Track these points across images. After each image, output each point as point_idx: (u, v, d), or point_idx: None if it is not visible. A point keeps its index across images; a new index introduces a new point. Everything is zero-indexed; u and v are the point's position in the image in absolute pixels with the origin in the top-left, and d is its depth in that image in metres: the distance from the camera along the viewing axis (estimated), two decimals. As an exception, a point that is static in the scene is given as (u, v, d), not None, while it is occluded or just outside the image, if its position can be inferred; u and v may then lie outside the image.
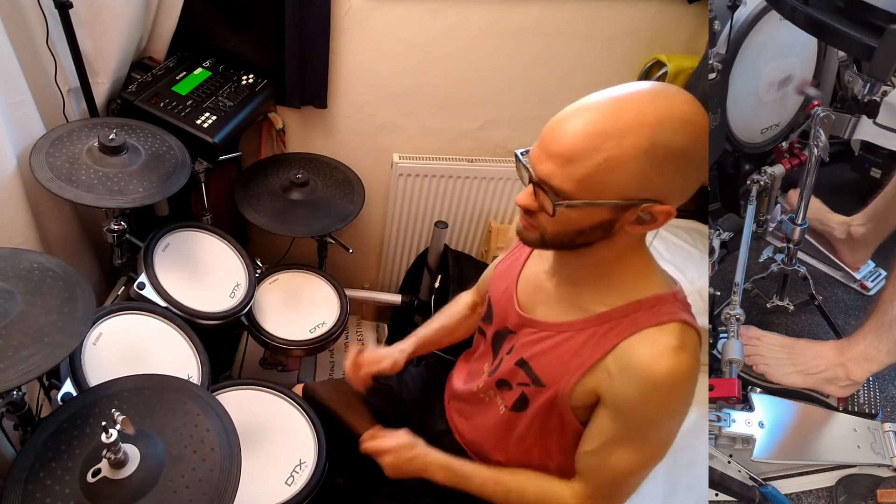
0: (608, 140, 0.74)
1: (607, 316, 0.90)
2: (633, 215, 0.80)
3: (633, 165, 0.75)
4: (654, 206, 0.78)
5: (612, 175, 0.76)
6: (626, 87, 0.79)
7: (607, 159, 0.75)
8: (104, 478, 0.91)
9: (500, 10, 1.82)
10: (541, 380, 0.98)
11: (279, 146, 1.98)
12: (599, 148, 0.75)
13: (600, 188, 0.77)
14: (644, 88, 0.79)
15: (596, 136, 0.75)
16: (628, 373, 0.86)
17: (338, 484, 1.51)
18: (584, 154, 0.75)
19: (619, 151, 0.74)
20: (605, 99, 0.78)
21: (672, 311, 0.87)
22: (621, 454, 0.91)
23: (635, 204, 0.78)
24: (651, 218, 0.80)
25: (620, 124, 0.75)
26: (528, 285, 1.04)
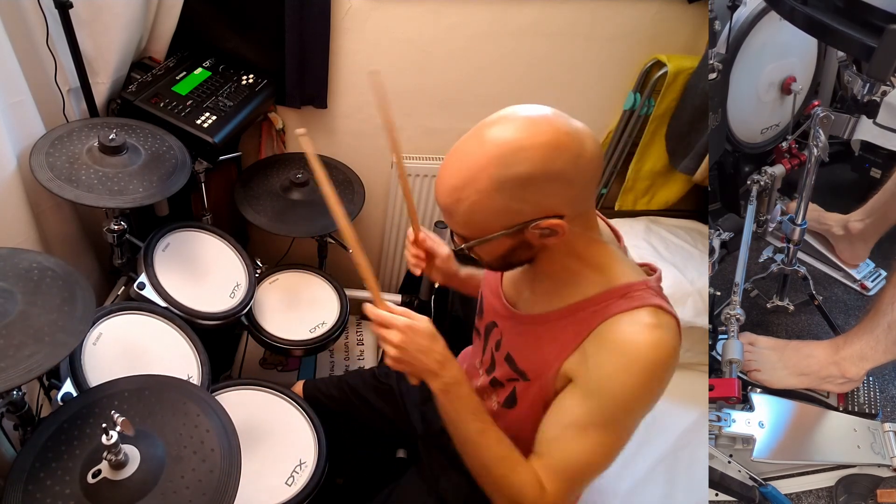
0: (463, 191, 0.83)
1: (583, 305, 0.91)
2: (532, 234, 0.85)
3: (494, 203, 0.82)
4: (542, 222, 0.83)
5: (482, 216, 0.85)
6: (472, 132, 0.86)
7: (471, 205, 0.83)
8: (104, 478, 0.91)
9: (500, 10, 1.82)
10: (525, 373, 0.99)
11: (279, 146, 1.98)
12: (460, 198, 0.84)
13: (483, 226, 0.86)
14: (482, 130, 0.84)
15: (453, 189, 0.84)
16: (605, 349, 0.86)
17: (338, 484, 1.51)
18: (453, 206, 0.85)
19: (475, 197, 0.82)
20: (453, 151, 0.86)
21: (644, 296, 0.88)
22: (583, 440, 0.88)
23: (521, 228, 0.84)
24: (550, 231, 0.84)
25: (466, 174, 0.83)
26: (509, 283, 1.07)
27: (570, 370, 0.92)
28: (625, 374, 0.85)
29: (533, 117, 0.83)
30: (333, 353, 2.02)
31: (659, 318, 0.86)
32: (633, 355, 0.84)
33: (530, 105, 0.85)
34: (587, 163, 0.83)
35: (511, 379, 1.02)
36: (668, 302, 0.91)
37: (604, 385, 0.86)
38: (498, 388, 1.07)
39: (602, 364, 0.86)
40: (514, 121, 0.83)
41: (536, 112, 0.84)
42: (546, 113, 0.84)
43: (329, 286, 1.78)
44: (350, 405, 1.45)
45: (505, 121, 0.84)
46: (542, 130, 0.81)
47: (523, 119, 0.83)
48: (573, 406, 0.90)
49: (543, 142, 0.80)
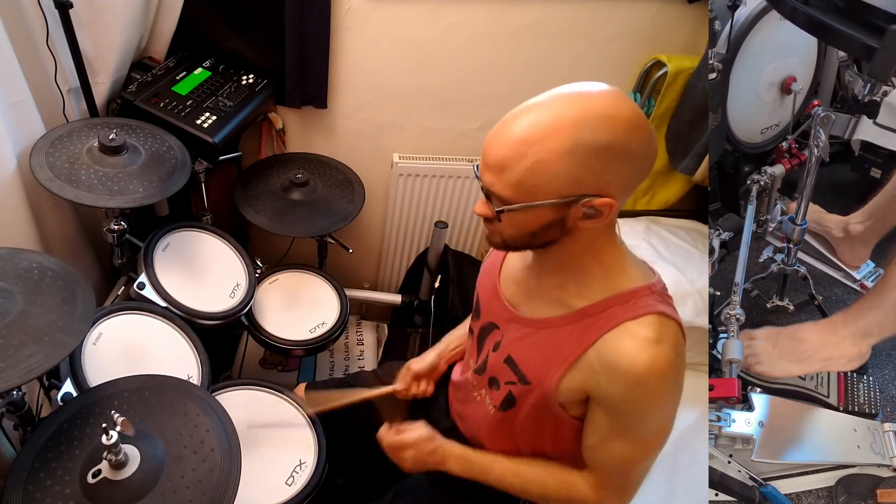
0: (532, 146, 0.80)
1: (587, 311, 0.91)
2: (577, 212, 0.83)
3: (559, 166, 0.79)
4: (594, 199, 0.82)
5: (542, 177, 0.81)
6: (551, 92, 0.84)
7: (534, 164, 0.80)
8: (104, 478, 0.91)
9: (500, 10, 1.82)
10: (526, 377, 0.99)
11: (279, 146, 1.98)
12: (525, 154, 0.80)
13: (535, 191, 0.82)
14: (565, 91, 0.83)
15: (521, 143, 0.81)
16: (611, 370, 0.88)
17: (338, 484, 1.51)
18: (513, 162, 0.81)
19: (543, 155, 0.79)
20: (528, 106, 0.84)
21: (648, 303, 0.88)
22: (620, 447, 0.94)
23: (573, 201, 0.82)
24: (595, 212, 0.83)
25: (541, 129, 0.80)
26: (509, 281, 1.06)
27: (580, 382, 0.93)
28: (638, 394, 0.88)
29: (619, 93, 0.82)
30: (333, 353, 2.02)
31: (660, 331, 0.87)
32: (636, 376, 0.86)
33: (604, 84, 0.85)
34: (652, 153, 0.84)
35: (509, 381, 1.02)
36: (670, 304, 0.92)
37: (620, 404, 0.90)
38: (493, 389, 1.07)
39: (612, 384, 0.89)
40: (601, 90, 0.82)
41: (619, 91, 0.83)
42: (627, 95, 0.85)
43: (329, 286, 1.78)
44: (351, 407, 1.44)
45: (591, 88, 0.82)
46: (629, 106, 0.81)
47: (611, 91, 0.82)
48: (601, 420, 0.94)
49: (629, 117, 0.80)
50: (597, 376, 0.90)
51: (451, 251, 1.98)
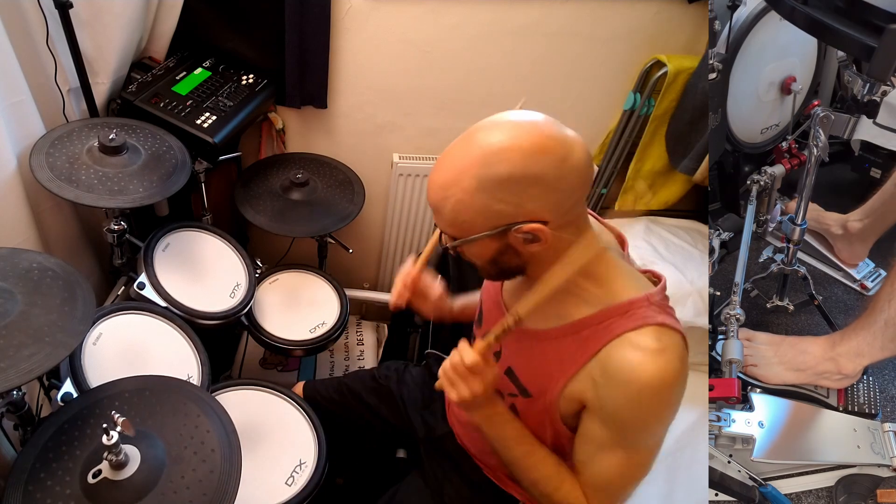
0: (449, 189, 0.85)
1: (586, 322, 0.91)
2: (515, 239, 0.86)
3: (476, 202, 0.84)
4: (522, 226, 0.84)
5: (467, 215, 0.86)
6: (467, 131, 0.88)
7: (455, 204, 0.85)
8: (105, 479, 0.91)
9: (500, 10, 1.82)
10: (527, 389, 0.99)
11: (279, 146, 1.98)
12: (446, 196, 0.86)
13: (466, 227, 0.87)
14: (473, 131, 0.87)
15: (440, 188, 0.87)
16: (613, 380, 0.87)
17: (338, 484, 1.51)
18: (440, 204, 0.88)
19: (460, 195, 0.84)
20: (447, 150, 0.88)
21: (646, 314, 0.87)
22: (612, 460, 0.92)
23: (504, 230, 0.85)
24: (532, 237, 0.85)
25: (454, 173, 0.85)
26: (511, 293, 1.06)
27: (579, 393, 0.92)
28: (636, 405, 0.86)
29: (520, 122, 0.85)
30: (333, 353, 2.02)
31: (662, 340, 0.86)
32: (640, 386, 0.84)
33: (524, 111, 0.87)
34: (572, 169, 0.83)
35: (511, 394, 1.02)
36: (672, 315, 0.91)
37: (618, 415, 0.89)
38: None
39: (613, 396, 0.88)
40: (500, 125, 0.85)
41: (525, 118, 0.85)
42: (535, 119, 0.85)
43: (329, 286, 1.78)
44: (350, 407, 1.45)
45: (493, 124, 0.86)
46: (527, 133, 0.83)
47: (510, 123, 0.85)
48: (595, 430, 0.93)
49: (526, 145, 0.82)
50: (597, 387, 0.89)
51: (451, 251, 1.98)
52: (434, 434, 1.30)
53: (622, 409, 0.87)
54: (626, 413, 0.88)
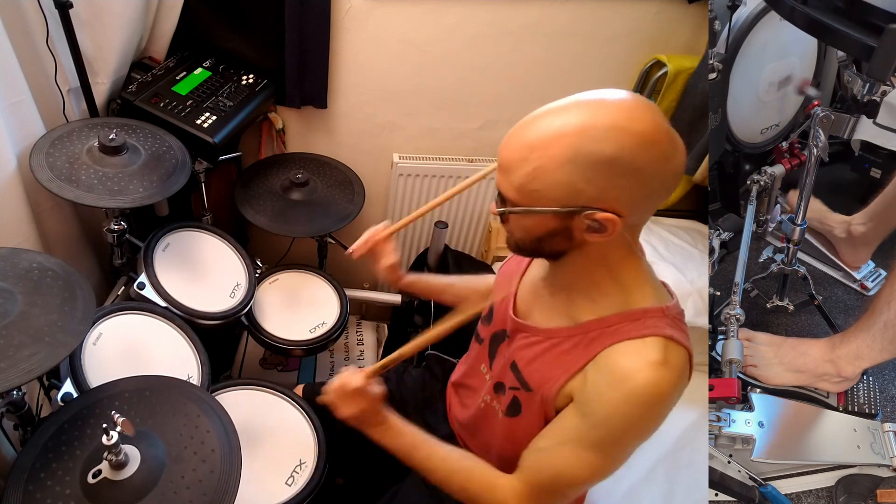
0: (535, 151, 0.78)
1: (594, 325, 0.90)
2: (580, 223, 0.81)
3: (559, 174, 0.78)
4: (595, 213, 0.79)
5: (542, 183, 0.79)
6: (572, 96, 0.81)
7: (535, 169, 0.79)
8: (105, 479, 0.91)
9: (500, 10, 1.82)
10: (528, 384, 0.98)
11: (279, 146, 1.98)
12: (528, 158, 0.79)
13: (536, 196, 0.81)
14: (581, 98, 0.80)
15: (525, 147, 0.79)
16: (605, 378, 0.85)
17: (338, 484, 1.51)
18: (517, 165, 0.80)
19: (544, 161, 0.78)
20: (543, 111, 0.81)
21: (657, 325, 0.85)
22: (572, 458, 0.89)
23: (575, 211, 0.80)
24: (599, 226, 0.80)
25: (546, 136, 0.78)
26: (527, 291, 1.05)
27: (572, 389, 0.91)
28: (621, 406, 0.83)
29: (638, 103, 0.79)
30: (333, 353, 2.02)
31: (667, 354, 0.83)
32: (631, 389, 0.82)
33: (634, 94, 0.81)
34: (670, 171, 0.79)
35: (513, 387, 1.02)
36: (684, 331, 0.88)
37: (599, 411, 0.86)
38: (500, 394, 1.06)
39: (601, 391, 0.85)
40: (617, 101, 0.78)
41: (641, 100, 0.79)
42: (651, 104, 0.79)
43: (329, 286, 1.78)
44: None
45: (607, 97, 0.79)
46: (644, 119, 0.77)
47: (629, 102, 0.78)
48: (568, 423, 0.90)
49: (640, 130, 0.76)
50: (588, 382, 0.87)
51: (451, 251, 1.98)
52: (434, 434, 1.30)
53: (606, 406, 0.85)
54: (608, 411, 0.84)
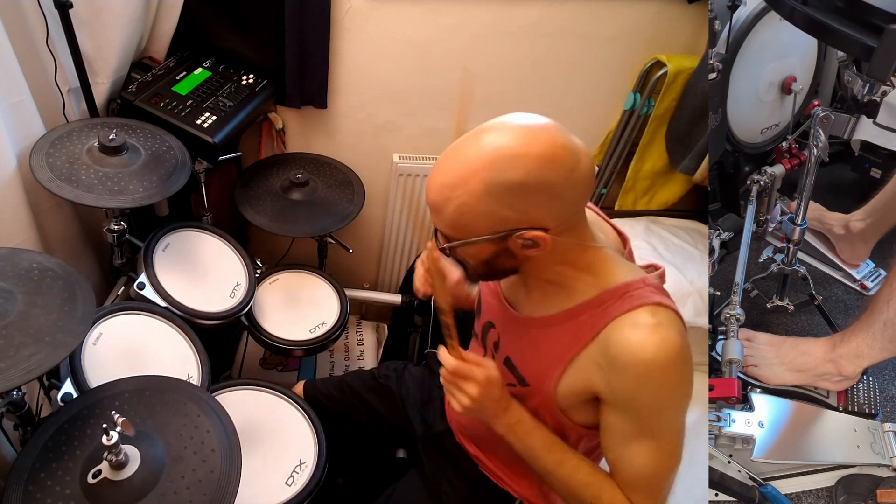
0: (454, 189, 0.83)
1: (581, 308, 0.91)
2: (514, 244, 0.85)
3: (481, 206, 0.82)
4: (525, 233, 0.83)
5: (469, 217, 0.84)
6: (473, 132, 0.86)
7: (459, 206, 0.84)
8: (105, 479, 0.91)
9: (500, 9, 1.82)
10: (525, 379, 0.99)
11: (279, 146, 1.98)
12: (450, 197, 0.84)
13: (467, 229, 0.86)
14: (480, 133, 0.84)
15: (444, 187, 0.85)
16: (618, 364, 0.86)
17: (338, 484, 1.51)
18: (442, 205, 0.85)
19: (465, 198, 0.83)
20: (451, 149, 0.87)
21: (643, 294, 0.88)
22: (640, 451, 0.90)
23: (506, 235, 0.84)
24: (532, 243, 0.84)
25: (460, 174, 0.83)
26: (509, 284, 1.05)
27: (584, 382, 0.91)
28: (648, 386, 0.85)
29: (532, 126, 0.83)
30: (333, 353, 2.02)
31: (658, 316, 0.86)
32: (647, 364, 0.84)
33: (530, 114, 0.86)
34: (580, 179, 0.83)
35: (510, 384, 1.01)
36: (667, 296, 0.91)
37: (633, 401, 0.88)
38: None
39: (623, 381, 0.87)
40: (512, 128, 0.83)
41: (535, 121, 0.84)
42: (545, 124, 0.84)
43: (329, 286, 1.78)
44: (350, 406, 1.45)
45: (503, 127, 0.84)
46: (540, 141, 0.81)
47: (522, 127, 0.83)
48: (616, 423, 0.91)
49: (539, 152, 0.80)
50: (604, 373, 0.88)
51: (451, 251, 1.98)
52: (432, 431, 1.30)
53: (634, 393, 0.87)
54: (639, 397, 0.87)
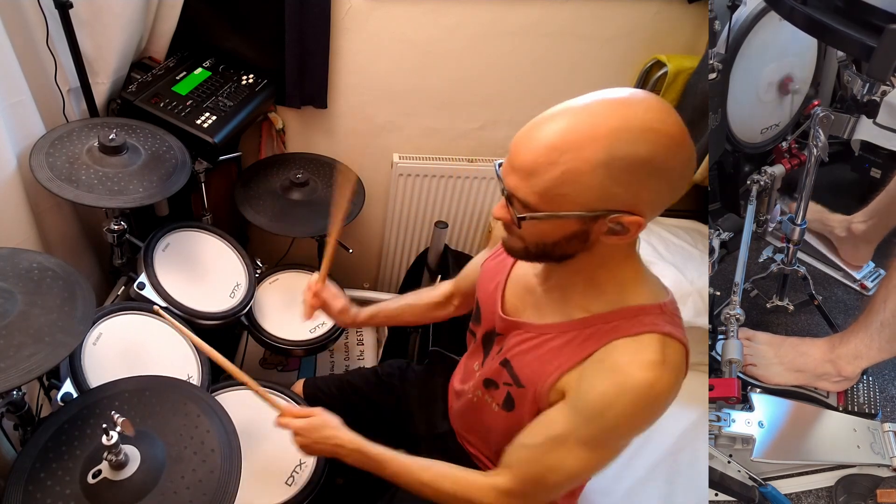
0: (565, 153, 0.74)
1: (590, 321, 0.89)
2: (603, 226, 0.79)
3: (591, 178, 0.75)
4: (623, 216, 0.77)
5: (572, 188, 0.76)
6: (590, 96, 0.78)
7: (565, 172, 0.75)
8: (104, 479, 0.91)
9: (500, 10, 1.82)
10: (520, 380, 0.97)
11: (279, 146, 1.98)
12: (557, 161, 0.75)
13: (562, 200, 0.77)
14: (605, 98, 0.77)
15: (553, 149, 0.75)
16: (601, 374, 0.84)
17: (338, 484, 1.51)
18: (543, 167, 0.76)
19: (576, 164, 0.74)
20: (564, 109, 0.78)
21: (654, 322, 0.85)
22: (563, 453, 0.88)
23: (602, 215, 0.78)
24: (622, 229, 0.79)
25: (577, 137, 0.74)
26: (517, 287, 1.03)
27: (565, 385, 0.90)
28: (615, 401, 0.82)
29: (663, 104, 0.77)
30: (333, 353, 2.02)
31: (664, 353, 0.82)
32: (627, 386, 0.81)
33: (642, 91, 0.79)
34: (692, 172, 0.79)
35: (506, 383, 1.01)
36: (680, 326, 0.88)
37: (592, 405, 0.84)
38: (492, 389, 1.06)
39: (595, 386, 0.84)
40: (643, 100, 0.76)
41: (663, 101, 0.78)
42: (671, 106, 0.77)
43: (329, 286, 1.78)
44: (351, 404, 1.44)
45: (636, 95, 0.77)
46: (675, 121, 0.75)
47: (657, 101, 0.76)
48: (559, 418, 0.89)
49: (673, 132, 0.75)
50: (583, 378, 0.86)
51: (451, 251, 1.98)
52: (435, 431, 1.30)
53: (598, 400, 0.83)
54: (601, 406, 0.83)
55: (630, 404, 0.82)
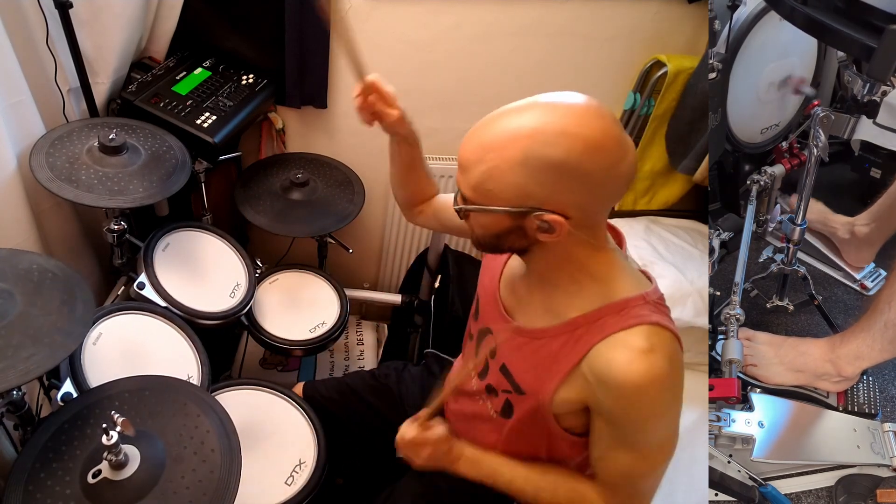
0: (490, 152, 0.81)
1: (579, 321, 0.90)
2: (531, 223, 0.83)
3: (511, 176, 0.80)
4: (545, 214, 0.81)
5: (496, 184, 0.82)
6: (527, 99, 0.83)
7: (490, 169, 0.81)
8: (104, 479, 0.91)
9: (500, 9, 1.82)
10: (521, 387, 0.99)
11: (279, 146, 1.98)
12: (483, 159, 0.82)
13: (490, 196, 0.83)
14: (537, 101, 0.82)
15: (481, 147, 0.82)
16: (605, 383, 0.86)
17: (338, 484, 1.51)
18: (473, 164, 0.83)
19: (498, 162, 0.80)
20: (500, 112, 0.84)
21: (639, 314, 0.86)
22: (624, 458, 0.92)
23: (525, 212, 0.82)
24: (548, 227, 0.82)
25: (502, 136, 0.81)
26: (508, 287, 1.05)
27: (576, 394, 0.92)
28: (628, 406, 0.86)
29: (587, 108, 0.80)
30: (333, 353, 2.02)
31: (651, 341, 0.85)
32: (630, 389, 0.84)
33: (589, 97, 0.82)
34: (618, 177, 0.81)
35: (505, 390, 1.02)
36: (667, 314, 0.90)
37: (617, 416, 0.89)
38: (492, 396, 1.06)
39: (606, 397, 0.87)
40: (567, 106, 0.81)
41: (592, 105, 0.81)
42: (601, 110, 0.81)
43: (329, 286, 1.78)
44: (350, 407, 1.45)
45: (558, 102, 0.81)
46: (592, 125, 0.79)
47: (577, 106, 0.80)
48: (602, 430, 0.93)
49: (588, 136, 0.78)
50: (592, 389, 0.89)
51: (451, 251, 1.98)
52: None
53: (618, 411, 0.88)
54: (621, 414, 0.88)
55: (645, 401, 0.85)
